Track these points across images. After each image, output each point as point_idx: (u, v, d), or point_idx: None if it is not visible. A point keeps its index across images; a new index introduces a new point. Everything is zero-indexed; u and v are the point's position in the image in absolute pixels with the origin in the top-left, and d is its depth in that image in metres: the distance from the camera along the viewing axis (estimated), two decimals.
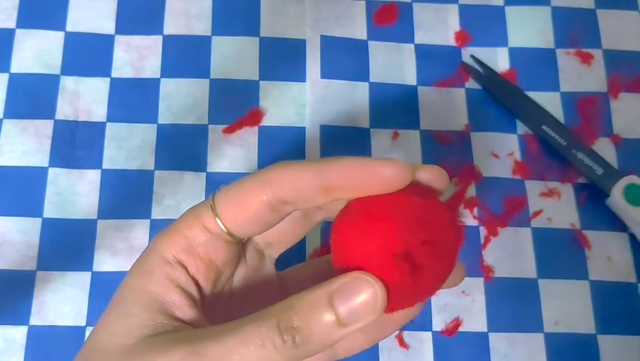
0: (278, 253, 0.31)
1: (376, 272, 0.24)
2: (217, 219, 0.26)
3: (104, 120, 0.43)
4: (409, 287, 0.24)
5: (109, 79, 0.44)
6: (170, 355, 0.23)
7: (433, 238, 0.25)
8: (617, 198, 0.41)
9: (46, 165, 0.42)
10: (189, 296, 0.26)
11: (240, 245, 0.29)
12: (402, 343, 0.39)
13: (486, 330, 0.40)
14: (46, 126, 0.42)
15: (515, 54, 0.46)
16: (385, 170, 0.24)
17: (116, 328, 0.25)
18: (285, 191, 0.25)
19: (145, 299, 0.25)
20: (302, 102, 0.44)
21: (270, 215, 0.26)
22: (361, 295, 0.23)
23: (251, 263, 0.30)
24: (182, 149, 0.43)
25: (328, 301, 0.23)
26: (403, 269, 0.24)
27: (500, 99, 0.45)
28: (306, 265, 0.33)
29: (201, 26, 0.46)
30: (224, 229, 0.26)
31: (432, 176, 0.26)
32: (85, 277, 0.40)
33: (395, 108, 0.45)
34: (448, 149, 0.44)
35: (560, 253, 0.42)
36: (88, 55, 0.44)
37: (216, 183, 0.42)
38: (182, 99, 0.44)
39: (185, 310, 0.26)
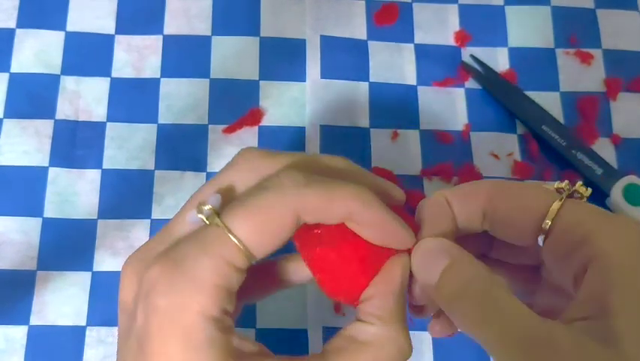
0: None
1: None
2: (242, 248, 0.23)
3: (105, 120, 0.43)
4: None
5: (109, 79, 0.44)
6: None
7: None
8: (616, 198, 0.41)
9: (46, 164, 0.42)
10: (237, 335, 0.25)
11: None
12: None
13: None
14: (46, 126, 0.42)
15: (515, 54, 0.46)
16: (405, 239, 0.27)
17: None
18: (311, 215, 0.24)
19: None
20: (302, 102, 0.44)
21: (290, 234, 0.25)
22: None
23: None
24: (182, 149, 0.43)
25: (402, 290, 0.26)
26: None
27: (500, 99, 0.45)
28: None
29: (201, 26, 0.46)
30: (252, 262, 0.24)
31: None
32: (85, 277, 0.40)
33: (395, 108, 0.45)
34: (447, 149, 0.44)
35: None
36: (88, 55, 0.44)
37: None
38: (182, 99, 0.44)
39: (246, 346, 0.26)
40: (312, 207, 0.24)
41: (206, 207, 0.24)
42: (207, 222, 0.24)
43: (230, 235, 0.23)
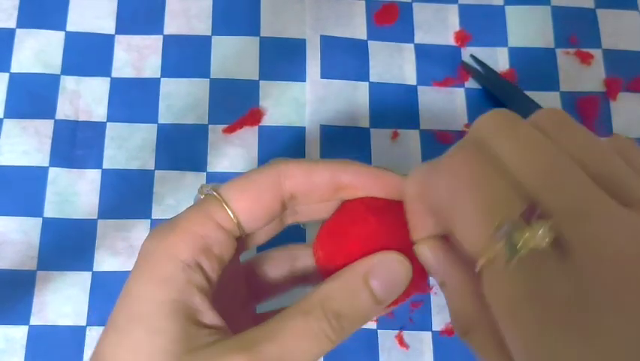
0: (246, 249, 0.31)
1: None
2: (231, 214, 0.26)
3: (105, 120, 0.43)
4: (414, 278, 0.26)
5: (109, 79, 0.44)
6: None
7: None
8: None
9: (46, 164, 0.42)
10: (208, 298, 0.25)
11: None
12: (402, 343, 0.39)
13: None
14: (46, 126, 0.42)
15: (515, 54, 0.46)
16: (396, 180, 0.27)
17: (146, 349, 0.24)
18: (299, 186, 0.26)
19: (171, 310, 0.24)
20: (302, 102, 0.44)
21: (280, 209, 0.27)
22: (396, 274, 0.25)
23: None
24: (182, 149, 0.43)
25: (364, 283, 0.25)
26: (413, 259, 0.26)
27: (500, 99, 0.45)
28: (267, 254, 0.33)
29: (201, 26, 0.46)
30: (237, 225, 0.26)
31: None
32: (85, 277, 0.40)
33: (395, 108, 0.45)
34: (447, 148, 0.44)
35: None
36: (88, 55, 0.44)
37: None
38: (182, 99, 0.44)
39: (208, 315, 0.25)
40: (293, 173, 0.26)
41: (208, 187, 0.27)
42: (204, 195, 0.27)
43: (217, 196, 0.26)
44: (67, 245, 0.40)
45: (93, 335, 0.39)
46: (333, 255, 0.27)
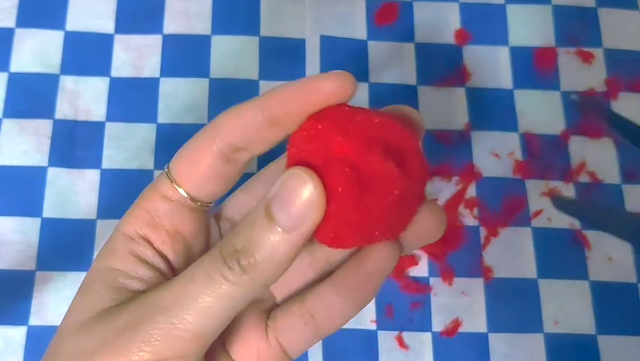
0: None
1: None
2: (173, 183, 0.25)
3: (104, 120, 0.43)
4: (355, 206, 0.21)
5: (108, 78, 0.44)
6: (121, 314, 0.23)
7: (390, 154, 0.22)
8: None
9: (45, 164, 0.42)
10: (157, 270, 0.25)
11: (208, 213, 0.27)
12: (402, 343, 0.39)
13: (486, 330, 0.40)
14: (45, 126, 0.42)
15: (516, 53, 0.46)
16: (325, 84, 0.24)
17: (78, 308, 0.25)
18: (232, 134, 0.24)
19: (107, 277, 0.24)
20: None
21: (226, 167, 0.24)
22: (297, 194, 0.21)
23: (226, 232, 0.28)
24: None
25: (265, 212, 0.22)
26: (348, 177, 0.21)
27: None
28: None
29: (201, 26, 0.46)
30: (183, 193, 0.25)
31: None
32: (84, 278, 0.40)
33: None
34: (448, 148, 0.44)
35: (559, 253, 0.42)
36: (87, 54, 0.44)
37: None
38: (181, 99, 0.44)
39: (152, 285, 0.24)
40: (223, 121, 0.24)
41: None
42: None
43: (166, 171, 0.25)
44: (67, 245, 0.40)
45: None
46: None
